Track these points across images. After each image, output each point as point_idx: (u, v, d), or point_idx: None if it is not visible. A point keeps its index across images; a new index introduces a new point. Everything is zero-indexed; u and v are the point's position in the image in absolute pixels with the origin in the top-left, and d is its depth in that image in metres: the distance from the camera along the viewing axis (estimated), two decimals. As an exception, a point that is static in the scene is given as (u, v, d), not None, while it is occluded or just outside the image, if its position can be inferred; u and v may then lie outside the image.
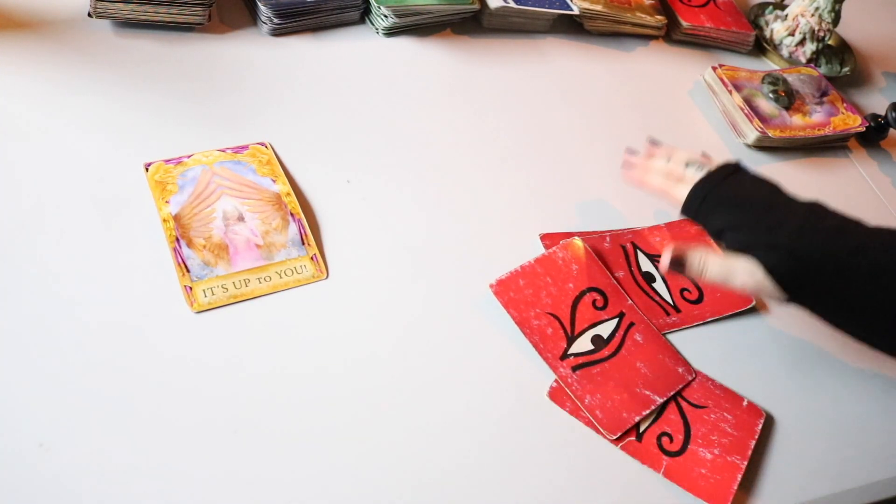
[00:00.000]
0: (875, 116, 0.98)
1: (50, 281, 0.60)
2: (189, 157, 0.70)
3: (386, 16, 0.87)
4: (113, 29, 0.79)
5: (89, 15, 0.77)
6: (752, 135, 0.91)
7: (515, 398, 0.63)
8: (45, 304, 0.58)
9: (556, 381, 0.63)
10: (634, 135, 0.89)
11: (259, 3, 0.82)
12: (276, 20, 0.83)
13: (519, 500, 0.57)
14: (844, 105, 0.97)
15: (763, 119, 0.91)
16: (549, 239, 0.73)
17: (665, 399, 0.64)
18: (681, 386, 0.65)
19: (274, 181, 0.71)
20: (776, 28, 1.08)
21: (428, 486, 0.56)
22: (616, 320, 0.68)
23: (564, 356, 0.65)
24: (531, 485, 0.58)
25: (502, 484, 0.58)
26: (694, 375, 0.67)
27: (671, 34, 1.04)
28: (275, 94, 0.79)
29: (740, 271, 0.62)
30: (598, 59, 0.97)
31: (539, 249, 0.73)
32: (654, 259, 0.75)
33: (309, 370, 0.60)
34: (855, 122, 0.95)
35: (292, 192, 0.70)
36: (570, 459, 0.60)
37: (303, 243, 0.67)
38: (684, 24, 1.02)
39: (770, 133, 0.90)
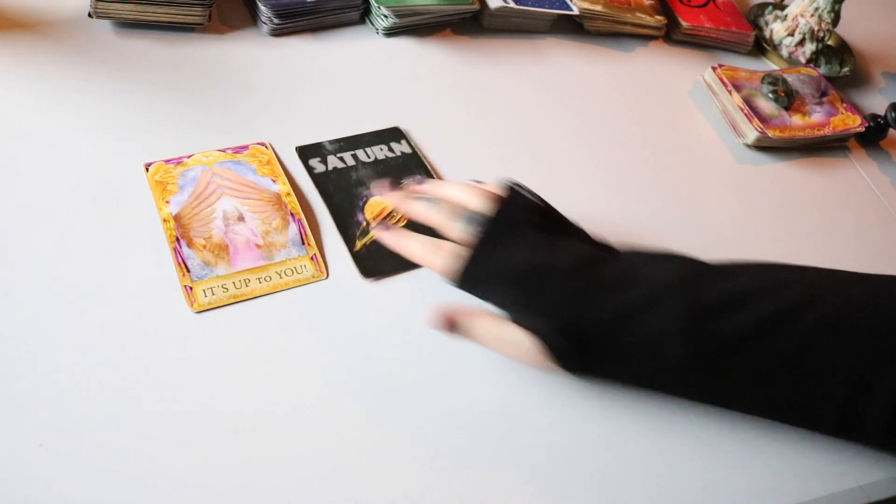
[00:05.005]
0: (875, 116, 0.98)
1: (49, 281, 0.60)
2: (189, 157, 0.70)
3: (386, 16, 0.87)
4: (113, 29, 0.79)
5: (89, 15, 0.77)
6: (751, 135, 0.91)
7: (521, 402, 0.63)
8: (45, 304, 0.58)
9: None
10: (634, 134, 0.89)
11: (259, 4, 0.82)
12: (276, 20, 0.83)
13: None
14: (844, 105, 0.97)
15: (763, 119, 0.92)
16: None
17: None
18: None
19: (274, 181, 0.71)
20: (776, 28, 1.08)
21: (430, 490, 0.56)
22: None
23: None
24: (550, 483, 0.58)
25: (517, 484, 0.58)
26: None
27: (671, 34, 1.04)
28: (275, 95, 0.79)
29: (509, 341, 0.55)
30: (598, 59, 0.97)
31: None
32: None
33: (309, 370, 0.60)
34: (854, 123, 0.95)
35: (292, 192, 0.70)
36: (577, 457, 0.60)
37: (303, 243, 0.67)
38: (684, 24, 1.02)
39: (770, 133, 0.90)
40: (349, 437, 0.57)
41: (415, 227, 0.71)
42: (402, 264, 0.68)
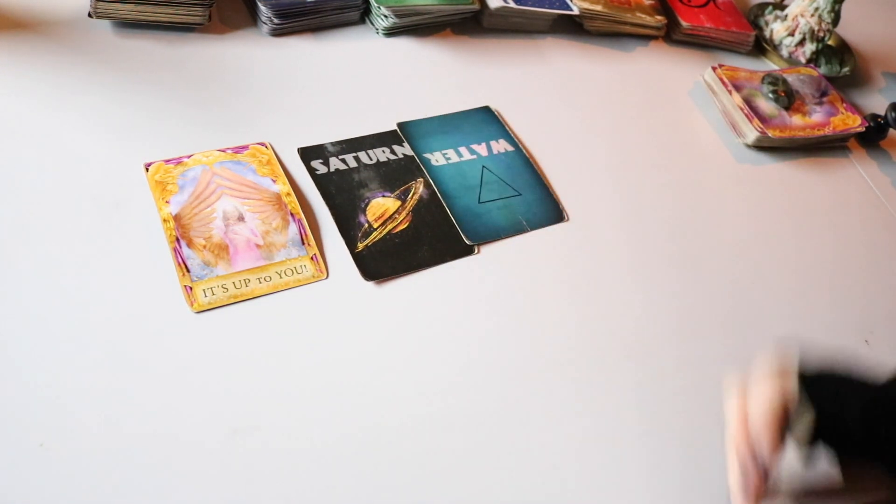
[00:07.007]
0: (875, 116, 0.98)
1: (49, 280, 0.60)
2: (189, 157, 0.70)
3: (386, 16, 0.87)
4: (113, 29, 0.79)
5: (89, 15, 0.77)
6: (751, 135, 0.91)
7: (502, 396, 0.63)
8: (45, 304, 0.58)
9: None
10: (634, 135, 0.89)
11: (259, 4, 0.82)
12: (276, 20, 0.83)
13: None
14: (844, 105, 0.97)
15: (763, 119, 0.92)
16: None
17: None
18: None
19: (274, 181, 0.71)
20: (776, 28, 1.08)
21: (428, 488, 0.56)
22: None
23: None
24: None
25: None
26: None
27: (671, 34, 1.04)
28: (275, 95, 0.79)
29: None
30: (598, 59, 0.97)
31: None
32: None
33: (308, 370, 0.60)
34: (854, 123, 0.95)
35: (292, 192, 0.70)
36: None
37: (303, 243, 0.67)
38: (684, 24, 1.02)
39: (770, 133, 0.90)
40: (348, 437, 0.57)
41: (418, 228, 0.71)
42: (403, 266, 0.68)
